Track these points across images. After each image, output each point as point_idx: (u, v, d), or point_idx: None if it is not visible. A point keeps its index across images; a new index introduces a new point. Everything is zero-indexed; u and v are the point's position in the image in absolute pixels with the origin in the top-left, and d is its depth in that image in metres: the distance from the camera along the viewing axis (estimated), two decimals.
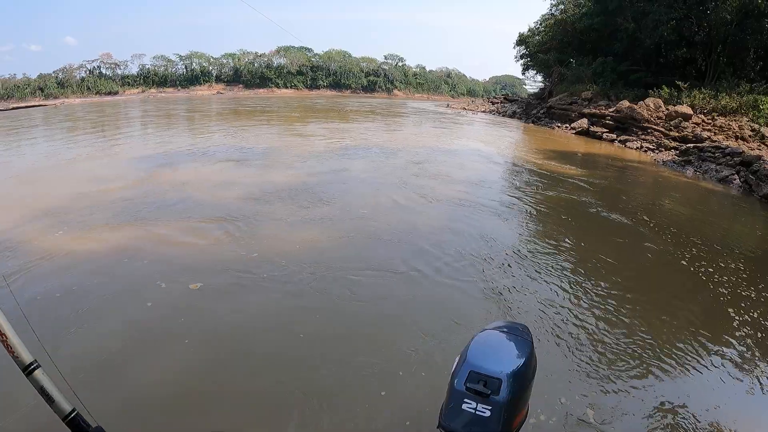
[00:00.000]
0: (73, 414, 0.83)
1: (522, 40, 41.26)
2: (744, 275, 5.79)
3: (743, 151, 13.71)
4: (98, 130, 20.80)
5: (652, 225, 7.91)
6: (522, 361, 1.39)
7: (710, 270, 5.91)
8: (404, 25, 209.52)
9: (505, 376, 1.29)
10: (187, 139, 17.12)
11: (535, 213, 8.38)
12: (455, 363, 1.42)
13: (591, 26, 29.85)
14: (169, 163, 11.79)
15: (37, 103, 51.63)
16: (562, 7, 35.04)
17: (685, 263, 6.15)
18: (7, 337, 0.85)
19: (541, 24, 38.62)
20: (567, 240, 6.87)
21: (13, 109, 44.79)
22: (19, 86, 60.21)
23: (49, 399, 0.83)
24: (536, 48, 38.36)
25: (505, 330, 1.58)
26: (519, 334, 1.55)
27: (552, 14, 36.46)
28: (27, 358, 0.85)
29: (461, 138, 21.09)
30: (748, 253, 6.78)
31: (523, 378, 1.34)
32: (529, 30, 40.54)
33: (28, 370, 0.84)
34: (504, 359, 1.40)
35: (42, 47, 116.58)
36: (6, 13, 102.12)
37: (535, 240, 6.83)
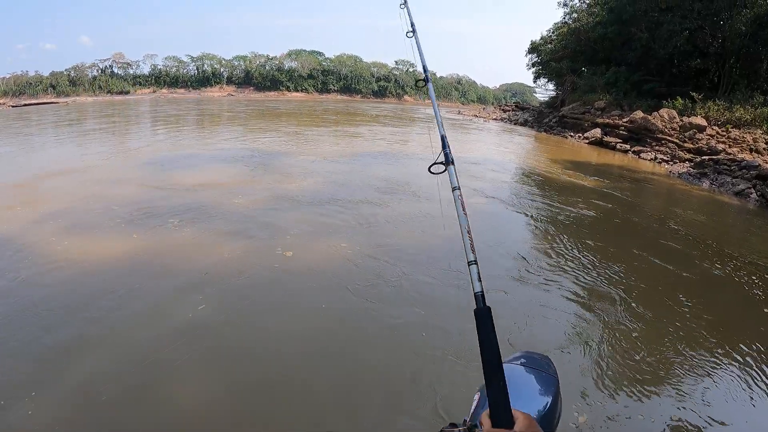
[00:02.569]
0: (480, 292, 1.04)
1: (534, 48, 41.34)
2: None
3: (759, 165, 13.75)
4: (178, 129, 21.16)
5: (676, 239, 8.05)
6: (548, 400, 1.28)
7: (738, 284, 6.08)
8: (417, 29, 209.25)
9: None
10: (273, 142, 17.71)
11: (561, 223, 8.48)
12: (474, 402, 1.30)
13: (604, 35, 29.87)
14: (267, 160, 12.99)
15: (48, 101, 52.12)
16: (576, 15, 35.04)
17: (707, 275, 6.33)
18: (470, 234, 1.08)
19: (553, 32, 38.69)
20: (594, 250, 6.94)
21: (25, 105, 45.27)
22: (31, 83, 60.81)
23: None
24: (548, 56, 38.44)
25: (528, 364, 1.46)
26: (542, 368, 1.45)
27: (565, 22, 36.49)
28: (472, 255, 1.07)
29: (482, 144, 21.60)
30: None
31: (549, 420, 1.23)
32: (541, 38, 40.68)
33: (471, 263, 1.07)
34: (529, 400, 1.29)
35: (57, 46, 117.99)
36: (22, 11, 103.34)
37: (564, 249, 6.89)
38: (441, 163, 1.33)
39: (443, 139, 1.44)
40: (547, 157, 17.65)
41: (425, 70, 1.79)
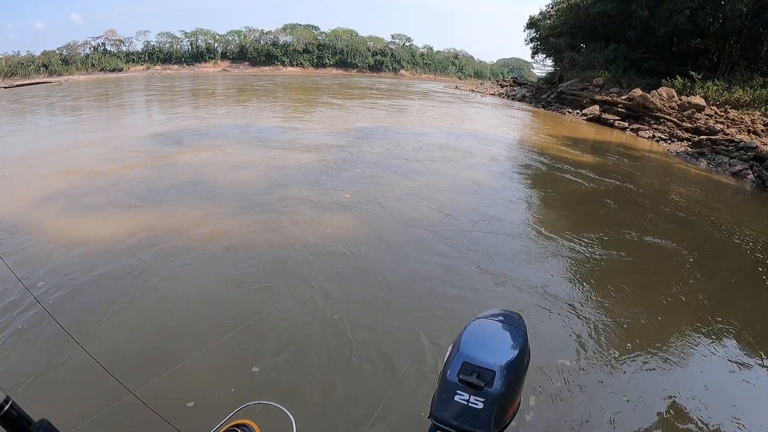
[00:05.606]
0: (7, 405, 0.69)
1: (532, 24, 41.03)
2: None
3: (757, 146, 14.08)
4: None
5: (676, 216, 8.43)
6: (516, 352, 1.39)
7: (741, 259, 6.53)
8: (412, 5, 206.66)
9: (499, 367, 1.29)
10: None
11: (562, 198, 8.90)
12: (448, 352, 1.41)
13: (604, 12, 29.80)
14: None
15: (41, 80, 51.46)
16: None
17: (708, 250, 6.70)
18: None
19: (552, 8, 38.36)
20: (595, 223, 7.20)
21: (17, 86, 44.73)
22: (23, 63, 59.82)
23: None
24: (547, 32, 38.22)
25: (499, 319, 1.56)
26: (513, 323, 1.54)
27: None
28: None
29: (481, 119, 22.41)
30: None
31: (516, 369, 1.34)
32: (540, 13, 40.30)
33: None
34: (498, 350, 1.40)
35: (46, 25, 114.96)
36: None
37: (562, 225, 7.16)
38: None
39: None
40: (547, 133, 17.94)
41: None
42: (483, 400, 1.25)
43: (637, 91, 21.55)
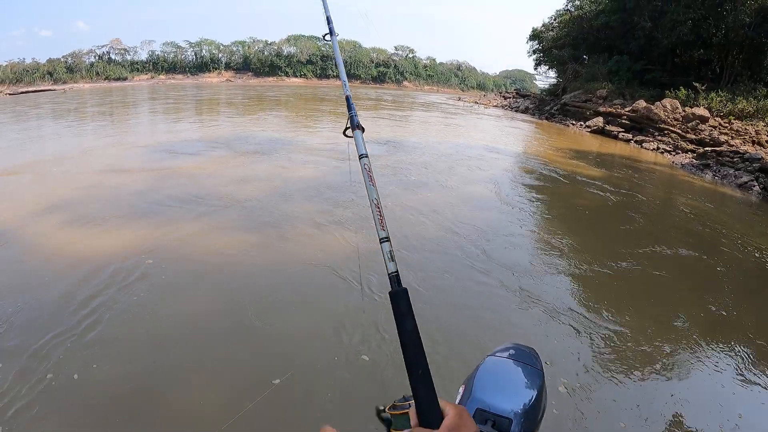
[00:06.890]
0: (395, 272, 0.94)
1: (535, 35, 41.15)
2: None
3: (762, 157, 13.94)
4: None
5: (682, 231, 8.29)
6: (533, 394, 1.30)
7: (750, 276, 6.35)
8: (416, 17, 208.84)
9: (515, 415, 1.21)
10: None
11: (567, 211, 8.79)
12: (459, 394, 1.32)
13: (607, 23, 29.88)
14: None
15: (46, 88, 51.88)
16: (578, 3, 34.91)
17: (714, 266, 6.52)
18: (380, 208, 1.03)
19: (555, 19, 38.47)
20: (600, 239, 7.16)
21: (22, 93, 45.08)
22: (28, 71, 60.34)
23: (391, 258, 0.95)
24: (550, 43, 38.31)
25: (514, 357, 1.47)
26: (528, 361, 1.45)
27: (567, 10, 36.34)
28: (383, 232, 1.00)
29: (484, 131, 22.31)
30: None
31: (534, 415, 1.25)
32: (543, 25, 40.43)
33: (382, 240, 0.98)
34: (514, 394, 1.30)
35: (53, 32, 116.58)
36: None
37: (566, 238, 7.09)
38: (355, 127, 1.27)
39: (348, 99, 1.38)
40: (552, 145, 17.80)
41: (329, 21, 1.66)
42: None
43: (641, 103, 21.47)
